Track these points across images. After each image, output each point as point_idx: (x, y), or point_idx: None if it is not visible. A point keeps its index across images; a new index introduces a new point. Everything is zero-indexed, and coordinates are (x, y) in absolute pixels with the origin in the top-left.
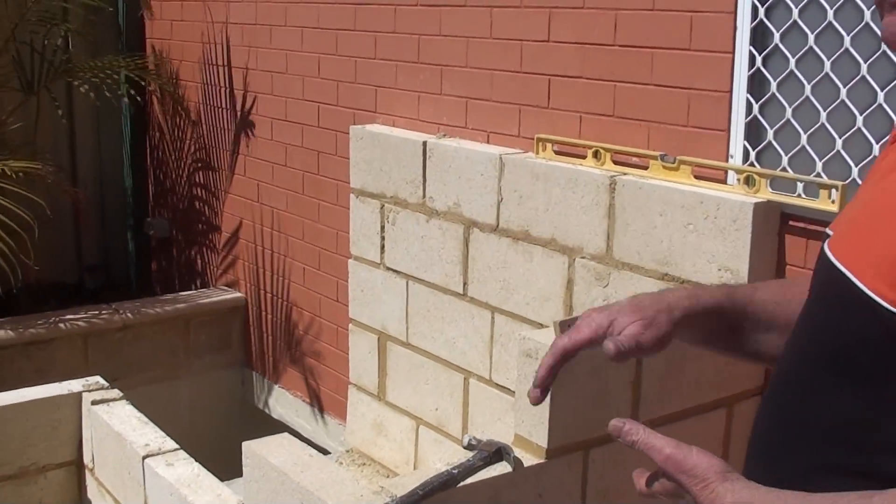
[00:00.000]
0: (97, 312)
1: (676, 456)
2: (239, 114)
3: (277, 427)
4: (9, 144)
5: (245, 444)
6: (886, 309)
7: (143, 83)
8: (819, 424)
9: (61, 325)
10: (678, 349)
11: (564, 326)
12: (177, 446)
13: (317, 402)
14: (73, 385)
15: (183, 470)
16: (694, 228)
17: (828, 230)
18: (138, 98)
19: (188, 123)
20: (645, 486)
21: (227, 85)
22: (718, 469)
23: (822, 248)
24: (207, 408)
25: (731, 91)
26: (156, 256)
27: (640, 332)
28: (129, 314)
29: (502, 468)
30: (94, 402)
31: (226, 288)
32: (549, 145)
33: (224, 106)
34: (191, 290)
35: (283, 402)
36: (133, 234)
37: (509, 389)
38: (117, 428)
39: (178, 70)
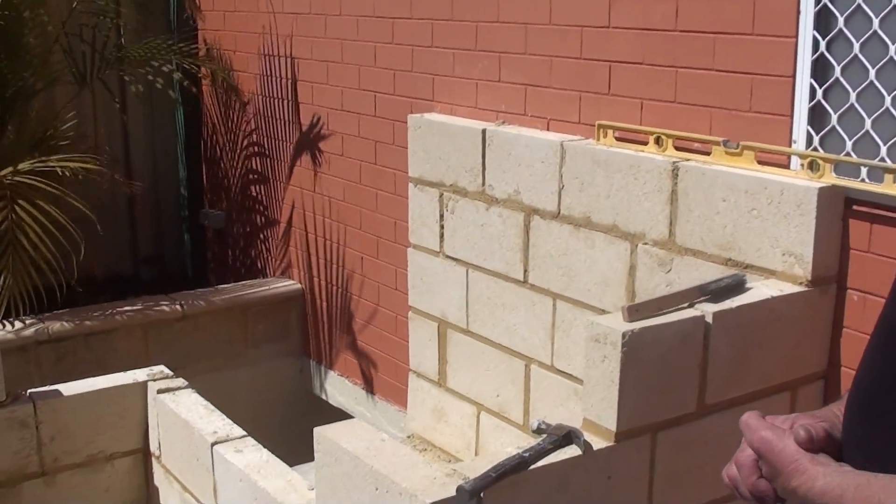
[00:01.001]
0: (155, 303)
1: (772, 439)
2: (294, 104)
3: (336, 415)
4: (66, 138)
5: (317, 430)
6: None
7: (195, 71)
8: None
9: (120, 316)
10: (743, 334)
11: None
12: (244, 433)
13: (375, 389)
14: (139, 374)
15: (252, 456)
16: (758, 214)
17: None
18: (193, 88)
19: (242, 114)
20: (730, 474)
21: (282, 75)
22: (809, 455)
23: None
24: (266, 396)
25: (794, 76)
26: (211, 248)
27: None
28: (187, 305)
29: (572, 451)
30: (159, 391)
31: (282, 278)
32: (609, 132)
33: (279, 96)
34: (247, 280)
35: (342, 390)
36: (188, 226)
37: (572, 375)
38: (184, 416)
39: (231, 60)
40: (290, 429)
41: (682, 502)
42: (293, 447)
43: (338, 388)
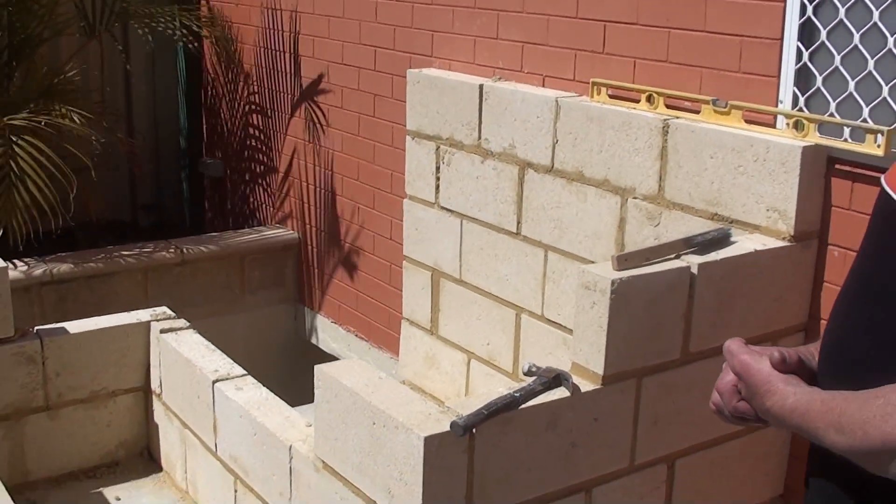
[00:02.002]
0: (155, 248)
1: (749, 361)
2: (294, 57)
3: (329, 361)
4: (72, 88)
5: (318, 368)
6: None
7: (197, 29)
8: (867, 334)
9: (121, 259)
10: (727, 285)
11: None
12: (245, 372)
13: (368, 336)
14: (142, 315)
15: (252, 393)
16: (744, 170)
17: (883, 179)
18: (194, 44)
19: (242, 67)
20: (714, 400)
21: (284, 28)
22: (782, 376)
23: (882, 188)
24: (262, 342)
25: (781, 38)
26: (209, 196)
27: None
28: (186, 250)
29: (560, 393)
30: (162, 331)
31: (279, 227)
32: (603, 89)
33: (279, 49)
34: (244, 229)
35: (335, 337)
36: (187, 175)
37: (561, 325)
38: (186, 354)
39: (232, 15)
40: (284, 373)
41: (666, 444)
42: (288, 391)
43: (331, 334)
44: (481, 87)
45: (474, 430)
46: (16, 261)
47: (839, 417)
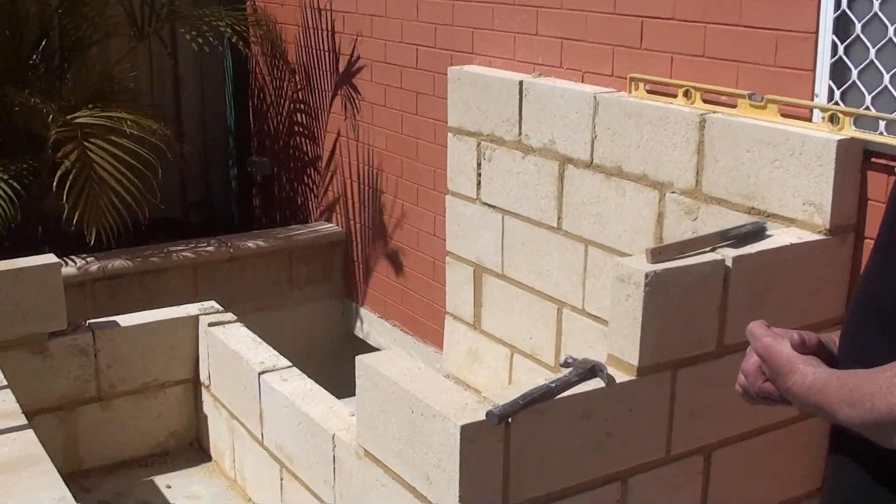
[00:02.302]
0: (205, 244)
1: (772, 344)
2: (339, 56)
3: None
4: (125, 91)
5: (358, 358)
6: None
7: (244, 32)
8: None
9: (172, 255)
10: (764, 278)
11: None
12: (290, 364)
13: (413, 330)
14: (191, 309)
15: (297, 385)
16: (780, 164)
17: None
18: (240, 45)
19: (287, 67)
20: (741, 382)
21: (328, 28)
22: (802, 357)
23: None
24: (309, 336)
25: (817, 32)
26: (257, 194)
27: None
28: (235, 246)
29: (596, 384)
30: (210, 325)
31: (326, 223)
32: (641, 85)
33: (324, 48)
34: (292, 225)
35: (382, 331)
36: (236, 173)
37: (602, 319)
38: (234, 347)
39: (276, 15)
40: (331, 367)
41: (702, 436)
42: (334, 384)
43: (377, 329)
44: (521, 83)
45: (510, 420)
46: (73, 257)
47: (851, 392)
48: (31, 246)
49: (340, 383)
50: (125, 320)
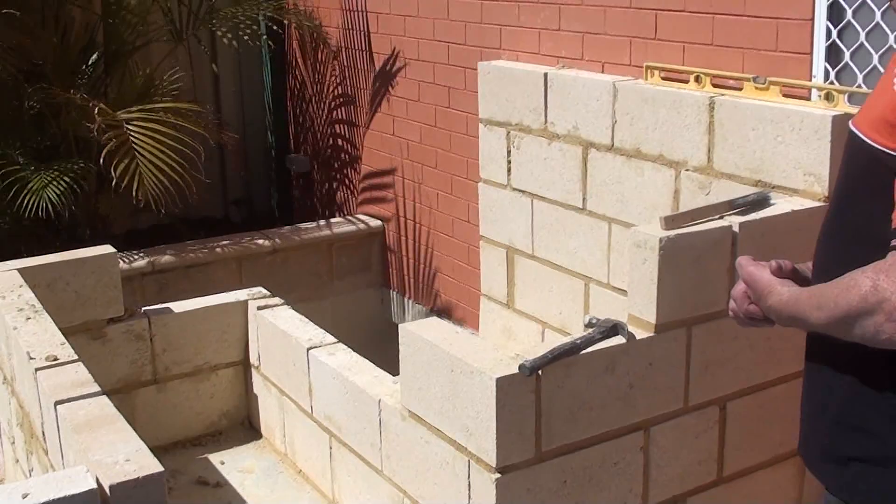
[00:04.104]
0: (249, 239)
1: (754, 271)
2: (374, 55)
3: None
4: (168, 93)
5: (401, 326)
6: (878, 149)
7: (281, 28)
8: (849, 232)
9: (217, 249)
10: (768, 241)
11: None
12: (336, 340)
13: (450, 314)
14: (240, 294)
15: (343, 358)
16: (782, 140)
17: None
18: (279, 31)
19: (327, 64)
20: (731, 307)
21: (362, 28)
22: (780, 280)
23: (849, 124)
24: (350, 324)
25: (813, 19)
26: (297, 190)
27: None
28: (277, 239)
29: (618, 341)
30: (259, 308)
31: (364, 215)
32: (656, 72)
33: (360, 48)
34: (331, 218)
35: (420, 317)
36: (275, 170)
37: (626, 291)
38: (282, 327)
39: (314, 12)
40: (372, 353)
41: (717, 388)
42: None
43: (416, 315)
44: (546, 75)
45: (540, 372)
46: (122, 254)
47: (819, 299)
48: (80, 246)
49: (382, 367)
50: (178, 307)
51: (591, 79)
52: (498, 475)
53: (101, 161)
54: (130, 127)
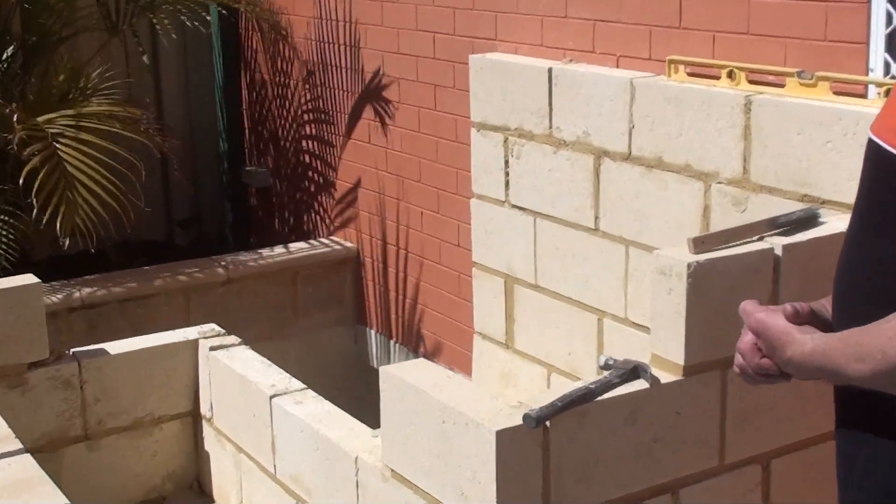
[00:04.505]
0: (197, 267)
1: (765, 318)
2: (345, 48)
3: None
4: (98, 91)
5: (382, 369)
6: None
7: (235, 17)
8: (877, 263)
9: (159, 280)
10: (816, 267)
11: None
12: (304, 386)
13: (437, 356)
14: (189, 332)
15: (313, 407)
16: (833, 146)
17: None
18: (234, 20)
19: (292, 60)
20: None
21: (332, 17)
22: (798, 327)
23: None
24: (318, 368)
25: (869, 2)
26: (254, 208)
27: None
28: (232, 267)
29: (639, 386)
30: (212, 348)
31: (335, 239)
32: (681, 67)
33: (328, 40)
34: (296, 242)
35: (401, 359)
36: (229, 184)
37: (647, 328)
38: (240, 371)
39: (277, 3)
40: (344, 401)
41: (758, 443)
42: None
43: (397, 358)
44: (550, 70)
45: (548, 424)
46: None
47: (857, 348)
48: None
49: (358, 418)
50: (113, 348)
51: (603, 75)
52: None
53: (22, 182)
54: (59, 143)
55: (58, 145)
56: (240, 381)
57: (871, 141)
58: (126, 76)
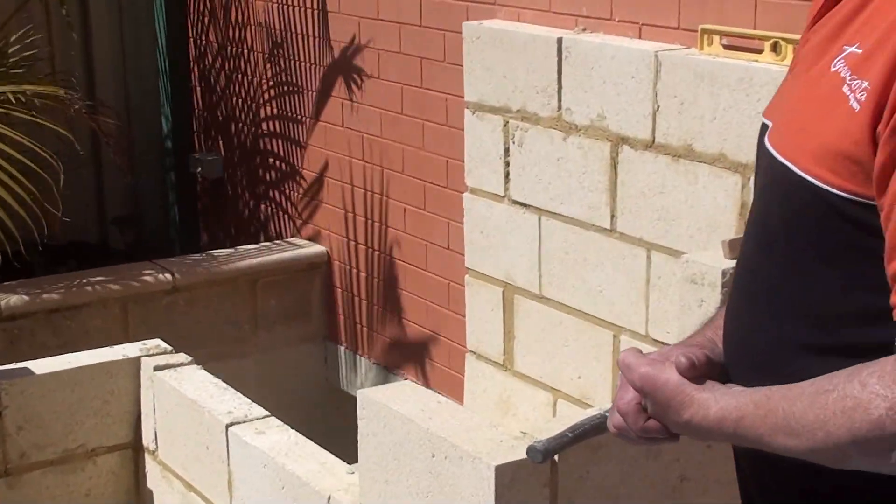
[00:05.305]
0: (137, 272)
1: (653, 374)
2: (317, 13)
3: None
4: (15, 63)
5: (360, 393)
6: (831, 193)
7: None
8: (781, 305)
9: (91, 287)
10: None
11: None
12: (266, 413)
13: (422, 379)
14: (129, 349)
15: (277, 437)
16: None
17: (765, 120)
18: None
19: (250, 24)
20: (616, 423)
21: None
22: (695, 385)
23: (763, 141)
24: (282, 392)
25: None
26: (204, 203)
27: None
28: (178, 273)
29: None
30: (157, 368)
31: (301, 240)
32: (715, 38)
33: (294, 3)
34: (254, 244)
35: (379, 382)
36: (174, 176)
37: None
38: (191, 395)
39: None
40: (314, 430)
41: None
42: None
43: (374, 381)
44: (560, 41)
45: (556, 458)
46: None
47: (786, 420)
48: None
49: (329, 451)
50: (41, 367)
51: (623, 47)
52: None
53: None
54: None
55: None
56: (190, 407)
57: (775, 160)
58: (48, 42)
